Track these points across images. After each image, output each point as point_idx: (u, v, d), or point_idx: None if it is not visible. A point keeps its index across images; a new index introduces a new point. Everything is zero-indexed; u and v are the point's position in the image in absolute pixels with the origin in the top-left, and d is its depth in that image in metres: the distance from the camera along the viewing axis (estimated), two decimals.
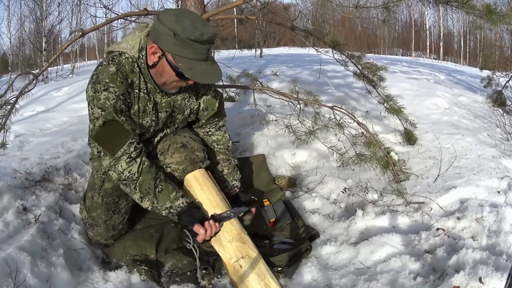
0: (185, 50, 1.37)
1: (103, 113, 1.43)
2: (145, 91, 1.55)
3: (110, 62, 1.47)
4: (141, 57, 1.49)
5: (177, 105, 1.67)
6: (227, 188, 1.81)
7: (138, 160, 1.49)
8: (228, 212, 1.52)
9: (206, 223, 1.44)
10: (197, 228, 1.42)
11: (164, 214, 1.51)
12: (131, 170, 1.47)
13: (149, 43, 1.46)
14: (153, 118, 1.61)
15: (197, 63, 1.40)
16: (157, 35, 1.40)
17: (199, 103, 1.74)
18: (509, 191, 1.93)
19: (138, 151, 1.50)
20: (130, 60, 1.49)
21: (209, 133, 1.85)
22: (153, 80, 1.53)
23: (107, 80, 1.43)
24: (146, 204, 1.52)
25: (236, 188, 1.82)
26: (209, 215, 1.52)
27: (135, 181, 1.49)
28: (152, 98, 1.58)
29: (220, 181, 1.79)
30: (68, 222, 1.84)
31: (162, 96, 1.60)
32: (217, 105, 1.76)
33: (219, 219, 1.49)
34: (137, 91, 1.53)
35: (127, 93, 1.49)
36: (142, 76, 1.52)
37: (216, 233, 1.47)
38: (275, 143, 2.71)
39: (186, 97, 1.68)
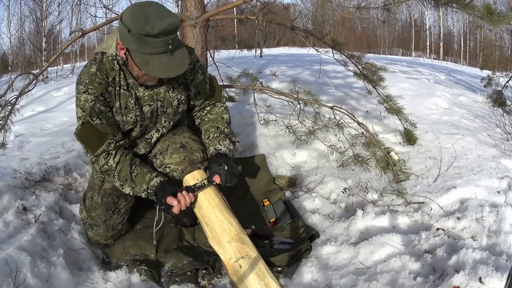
0: (141, 46, 1.35)
1: (83, 113, 1.49)
2: (125, 87, 1.57)
3: (93, 62, 1.52)
4: (118, 54, 1.51)
5: (161, 99, 1.65)
6: (209, 153, 1.65)
7: (114, 152, 1.55)
8: (203, 182, 1.54)
9: (179, 194, 1.46)
10: (170, 200, 1.44)
11: (144, 196, 1.55)
12: (108, 162, 1.54)
13: (118, 41, 1.47)
14: (137, 113, 1.62)
15: (155, 57, 1.37)
16: (119, 32, 1.42)
17: (189, 90, 1.72)
18: (509, 191, 1.93)
19: (117, 148, 1.56)
20: (110, 58, 1.52)
21: (205, 111, 1.80)
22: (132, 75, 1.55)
23: (87, 81, 1.48)
24: (127, 190, 1.57)
25: (217, 151, 1.62)
26: (184, 188, 1.53)
27: (114, 171, 1.55)
28: (133, 94, 1.59)
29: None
30: (68, 222, 1.84)
31: (144, 89, 1.61)
32: (207, 86, 1.75)
33: (193, 189, 1.51)
34: (117, 88, 1.55)
35: (106, 92, 1.52)
36: (122, 73, 1.55)
37: (192, 203, 1.50)
38: (275, 143, 2.71)
39: (169, 88, 1.66)
